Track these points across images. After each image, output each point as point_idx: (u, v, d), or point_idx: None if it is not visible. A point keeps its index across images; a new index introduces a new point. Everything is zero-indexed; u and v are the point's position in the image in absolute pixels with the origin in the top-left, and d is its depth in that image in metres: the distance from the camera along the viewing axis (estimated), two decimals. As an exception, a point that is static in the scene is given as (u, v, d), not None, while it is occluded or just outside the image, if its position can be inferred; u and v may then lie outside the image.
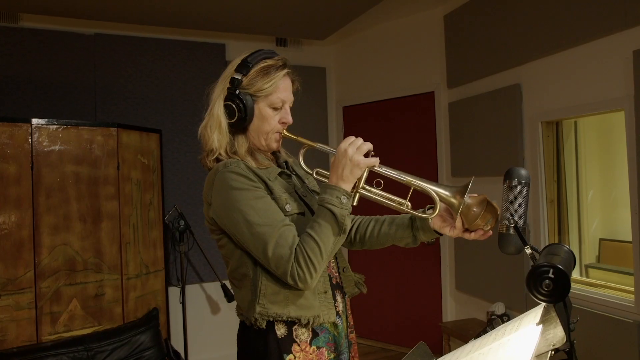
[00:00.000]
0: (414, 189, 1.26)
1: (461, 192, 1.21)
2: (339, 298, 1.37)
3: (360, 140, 1.24)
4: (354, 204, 1.25)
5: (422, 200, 1.29)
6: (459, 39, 3.63)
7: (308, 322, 1.26)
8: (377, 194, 1.29)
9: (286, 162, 1.48)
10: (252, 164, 1.31)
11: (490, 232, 1.29)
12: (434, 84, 3.98)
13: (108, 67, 3.78)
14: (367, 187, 1.28)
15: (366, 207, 1.50)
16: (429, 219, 1.33)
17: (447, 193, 1.23)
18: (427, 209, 1.33)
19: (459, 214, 1.21)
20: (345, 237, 1.24)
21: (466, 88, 3.65)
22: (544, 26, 2.90)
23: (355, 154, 1.22)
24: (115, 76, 3.79)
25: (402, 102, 4.24)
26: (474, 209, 1.25)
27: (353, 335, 1.43)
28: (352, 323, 1.43)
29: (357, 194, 1.26)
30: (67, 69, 3.65)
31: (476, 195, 1.27)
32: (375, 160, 1.24)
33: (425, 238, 1.42)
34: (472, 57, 3.52)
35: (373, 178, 1.28)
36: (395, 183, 1.30)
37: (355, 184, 1.25)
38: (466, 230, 1.31)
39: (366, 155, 1.23)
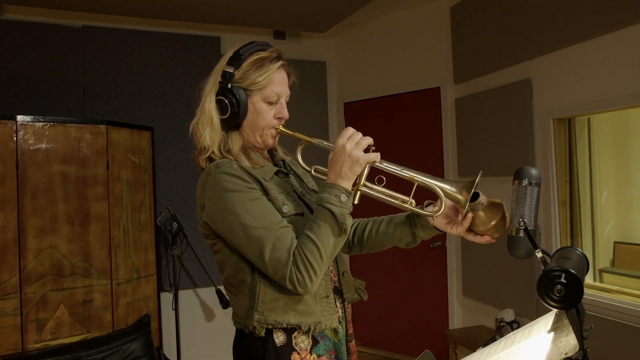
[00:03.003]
0: (417, 186, 1.25)
1: (468, 187, 1.19)
2: (337, 304, 1.36)
3: (359, 135, 1.23)
4: (355, 202, 1.24)
5: (427, 197, 1.28)
6: (467, 32, 3.63)
7: (309, 328, 1.26)
8: (378, 191, 1.28)
9: (283, 161, 1.48)
10: (246, 163, 1.30)
11: (495, 240, 1.29)
12: (440, 79, 3.98)
13: (97, 62, 3.78)
14: (368, 185, 1.27)
15: (369, 206, 1.49)
16: (434, 217, 1.32)
17: (452, 189, 1.22)
18: (426, 205, 1.32)
19: (465, 210, 1.21)
20: (346, 238, 1.24)
21: (474, 83, 3.64)
22: (556, 18, 2.90)
23: (354, 150, 1.21)
24: (104, 71, 3.79)
25: (406, 98, 4.23)
26: (487, 214, 1.24)
27: (352, 343, 1.42)
28: (351, 331, 1.42)
29: (358, 192, 1.25)
30: (54, 63, 3.65)
31: (496, 200, 1.25)
32: (375, 156, 1.23)
33: (425, 235, 1.41)
34: (480, 51, 3.51)
35: (374, 175, 1.27)
36: (398, 180, 1.29)
37: (355, 181, 1.24)
38: (470, 230, 1.30)
39: (366, 150, 1.22)
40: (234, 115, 1.31)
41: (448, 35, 3.84)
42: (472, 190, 1.18)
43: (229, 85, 1.30)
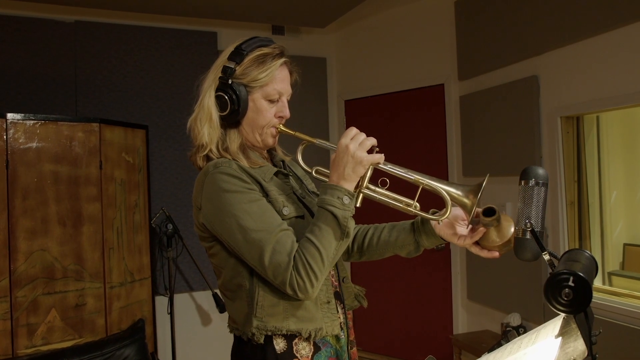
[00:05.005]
0: (422, 189, 1.25)
1: (474, 191, 1.20)
2: (339, 309, 1.36)
3: (362, 135, 1.23)
4: (358, 205, 1.24)
5: (432, 201, 1.28)
6: (471, 27, 3.63)
7: (310, 335, 1.25)
8: (382, 194, 1.28)
9: (283, 162, 1.48)
10: (245, 162, 1.30)
11: (500, 255, 1.30)
12: (444, 76, 3.98)
13: (90, 58, 3.78)
14: (372, 187, 1.27)
15: (371, 210, 1.49)
16: (439, 222, 1.32)
17: (459, 192, 1.22)
18: (432, 214, 1.33)
19: (471, 215, 1.21)
20: (348, 242, 1.24)
21: (479, 80, 3.65)
22: (564, 13, 2.90)
23: (358, 150, 1.21)
24: (97, 67, 3.79)
25: (409, 95, 4.24)
26: (498, 232, 1.25)
27: (354, 350, 1.41)
28: (352, 337, 1.41)
29: (361, 194, 1.25)
30: (45, 60, 3.65)
31: (508, 217, 1.26)
32: (380, 157, 1.23)
33: (429, 244, 1.41)
34: (485, 47, 3.52)
35: (378, 177, 1.27)
36: (402, 182, 1.29)
37: (358, 183, 1.24)
38: (476, 243, 1.31)
39: (370, 151, 1.22)
40: (233, 113, 1.31)
41: (452, 30, 3.84)
42: (479, 195, 1.19)
43: (230, 81, 1.30)
